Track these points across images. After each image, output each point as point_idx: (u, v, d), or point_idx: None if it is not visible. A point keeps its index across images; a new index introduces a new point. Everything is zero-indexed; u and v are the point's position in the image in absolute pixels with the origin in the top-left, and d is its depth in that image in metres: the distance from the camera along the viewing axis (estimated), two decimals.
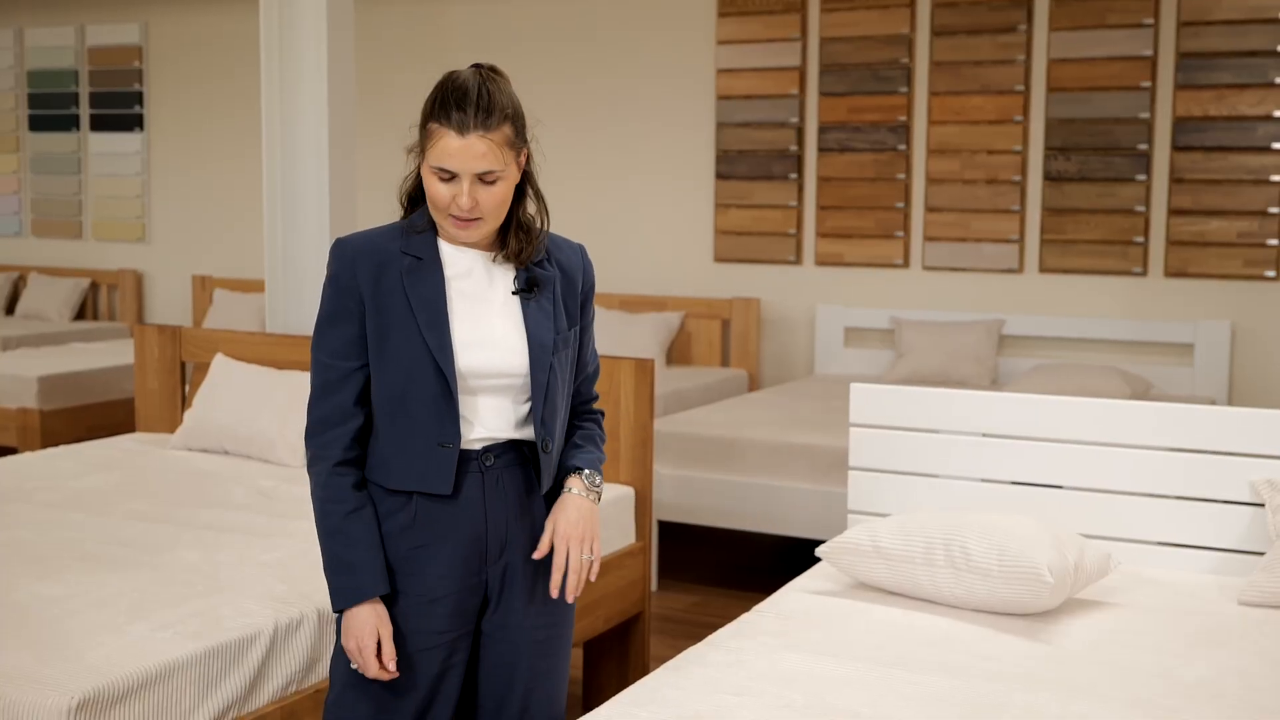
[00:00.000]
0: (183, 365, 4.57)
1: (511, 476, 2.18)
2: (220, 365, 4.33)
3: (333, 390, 2.14)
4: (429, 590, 2.14)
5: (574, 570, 2.15)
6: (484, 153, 2.03)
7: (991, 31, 6.24)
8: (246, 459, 4.11)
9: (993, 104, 6.26)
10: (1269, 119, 5.80)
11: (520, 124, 2.10)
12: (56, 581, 2.79)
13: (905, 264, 6.50)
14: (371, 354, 2.13)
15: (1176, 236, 5.98)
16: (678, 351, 6.82)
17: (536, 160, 2.18)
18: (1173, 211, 5.98)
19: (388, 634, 2.12)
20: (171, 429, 4.53)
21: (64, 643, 2.44)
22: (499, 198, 2.08)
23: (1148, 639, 2.64)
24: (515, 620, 2.20)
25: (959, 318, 6.34)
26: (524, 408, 2.18)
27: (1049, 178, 6.18)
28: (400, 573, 2.15)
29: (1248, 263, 5.87)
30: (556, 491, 2.24)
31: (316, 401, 2.15)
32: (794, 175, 6.65)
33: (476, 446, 2.15)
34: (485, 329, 2.14)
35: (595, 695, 3.87)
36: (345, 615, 2.13)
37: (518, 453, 2.19)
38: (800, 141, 6.63)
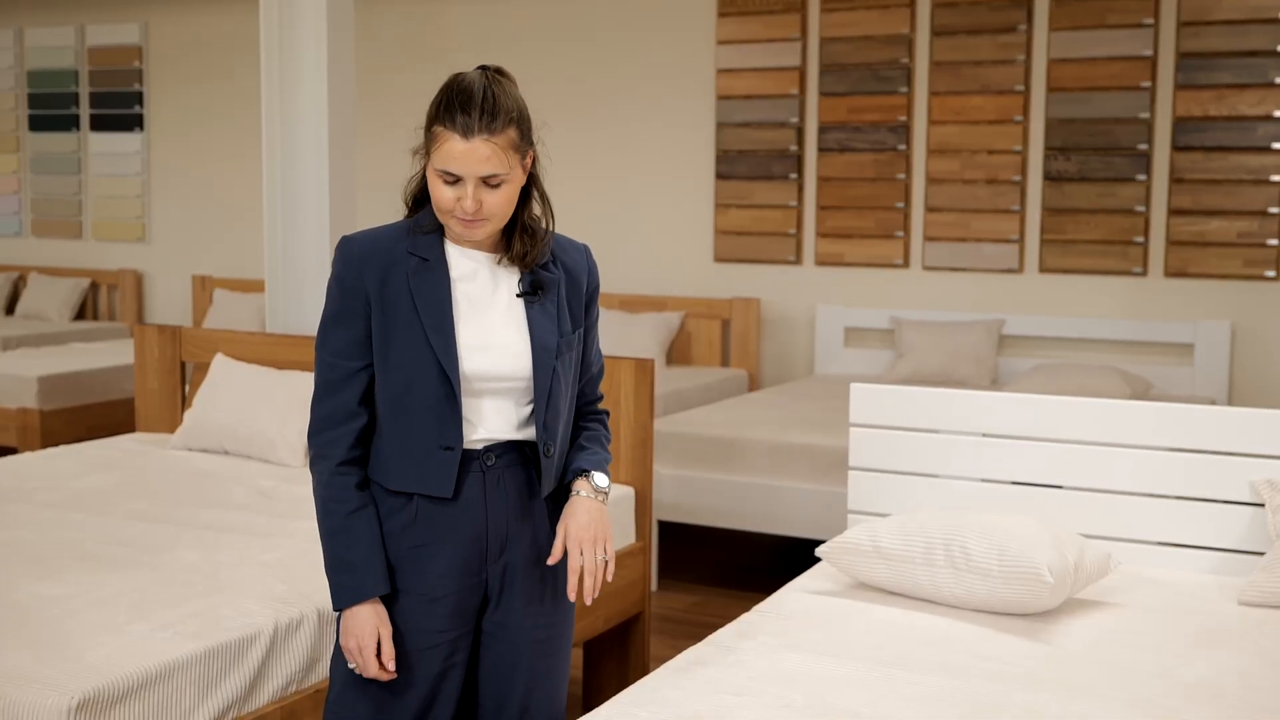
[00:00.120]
0: (183, 365, 4.57)
1: (513, 476, 2.17)
2: (220, 365, 4.33)
3: (336, 389, 2.14)
4: (429, 589, 2.14)
5: (590, 572, 2.15)
6: (488, 156, 2.02)
7: (991, 31, 6.24)
8: (246, 459, 4.11)
9: (993, 104, 6.26)
10: (1269, 119, 5.80)
11: (526, 127, 2.09)
12: (56, 581, 2.79)
13: (905, 264, 6.50)
14: (376, 355, 2.13)
15: (1176, 236, 5.98)
16: (678, 351, 6.82)
17: (542, 162, 2.17)
18: (1173, 211, 5.98)
19: (387, 634, 2.12)
20: (171, 429, 4.53)
21: (64, 643, 2.44)
22: (503, 200, 2.07)
23: (1148, 639, 2.64)
24: (515, 620, 2.20)
25: (959, 318, 6.34)
26: (526, 409, 2.18)
27: (1049, 178, 6.18)
28: (401, 572, 2.15)
29: (1248, 263, 5.87)
30: (559, 493, 2.24)
31: (320, 400, 2.16)
32: (794, 175, 6.65)
33: (478, 446, 2.15)
34: (489, 332, 2.14)
35: (595, 695, 3.87)
36: (345, 615, 2.13)
37: (519, 453, 2.18)
38: (800, 141, 6.63)
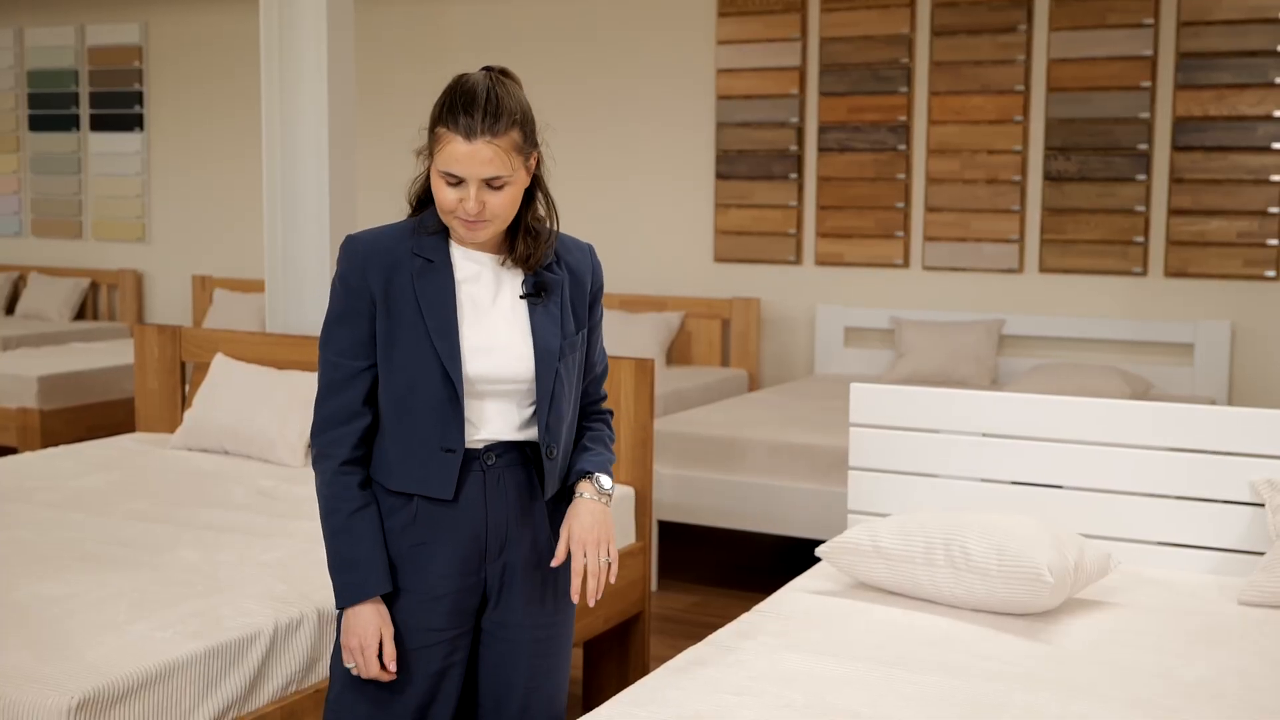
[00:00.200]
0: (183, 365, 4.57)
1: (513, 476, 2.17)
2: (220, 365, 4.33)
3: (340, 389, 2.14)
4: (429, 588, 2.14)
5: (593, 574, 2.15)
6: (490, 158, 2.02)
7: (991, 31, 6.24)
8: (246, 459, 4.11)
9: (993, 104, 6.26)
10: (1269, 119, 5.80)
11: (529, 128, 2.08)
12: (56, 581, 2.79)
13: (905, 264, 6.50)
14: (380, 356, 2.13)
15: (1176, 236, 5.98)
16: (678, 351, 6.82)
17: (547, 164, 2.16)
18: (1173, 211, 5.98)
19: (389, 634, 2.13)
20: (171, 429, 4.53)
21: (64, 642, 2.44)
22: (506, 202, 2.07)
23: (1148, 639, 2.64)
24: (515, 619, 2.20)
25: (959, 318, 6.34)
26: (528, 410, 2.18)
27: (1049, 177, 6.18)
28: (401, 570, 2.15)
29: (1248, 263, 5.87)
30: (562, 494, 2.24)
31: (324, 400, 2.16)
32: (794, 175, 6.65)
33: (479, 446, 2.15)
34: (492, 335, 2.14)
35: (595, 695, 3.87)
36: (348, 613, 2.13)
37: (520, 453, 2.18)
38: (800, 141, 6.63)
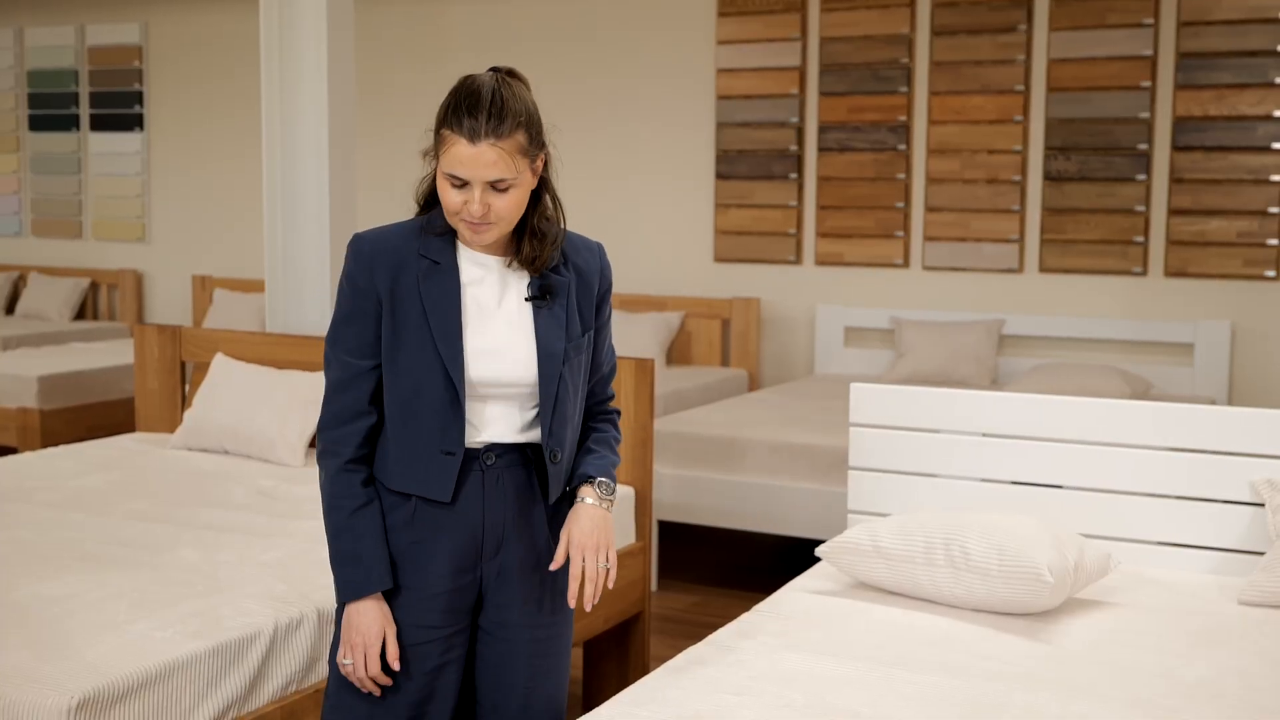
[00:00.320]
0: (183, 365, 4.57)
1: (512, 477, 2.17)
2: (220, 365, 4.33)
3: (346, 388, 2.15)
4: (426, 585, 2.15)
5: (590, 579, 2.15)
6: (494, 161, 2.01)
7: (991, 31, 6.24)
8: (246, 459, 4.11)
9: (993, 104, 6.26)
10: (1269, 119, 5.80)
11: (535, 130, 2.07)
12: (56, 581, 2.79)
13: (905, 264, 6.50)
14: (385, 357, 2.14)
15: (1176, 236, 5.98)
16: (678, 351, 6.82)
17: (555, 165, 2.14)
18: (1173, 211, 5.98)
19: (392, 632, 2.14)
20: (171, 429, 4.53)
21: (64, 642, 2.44)
22: (512, 204, 2.06)
23: (1148, 639, 2.64)
24: (512, 619, 2.20)
25: (959, 318, 6.34)
26: (531, 413, 2.17)
27: (1049, 177, 6.18)
28: (399, 567, 2.16)
29: (1248, 262, 5.87)
30: (564, 497, 2.24)
31: (330, 398, 2.17)
32: (794, 175, 6.65)
33: (479, 446, 2.15)
34: (496, 338, 2.13)
35: (595, 695, 3.87)
36: (349, 610, 2.14)
37: (520, 454, 2.18)
38: (800, 141, 6.63)
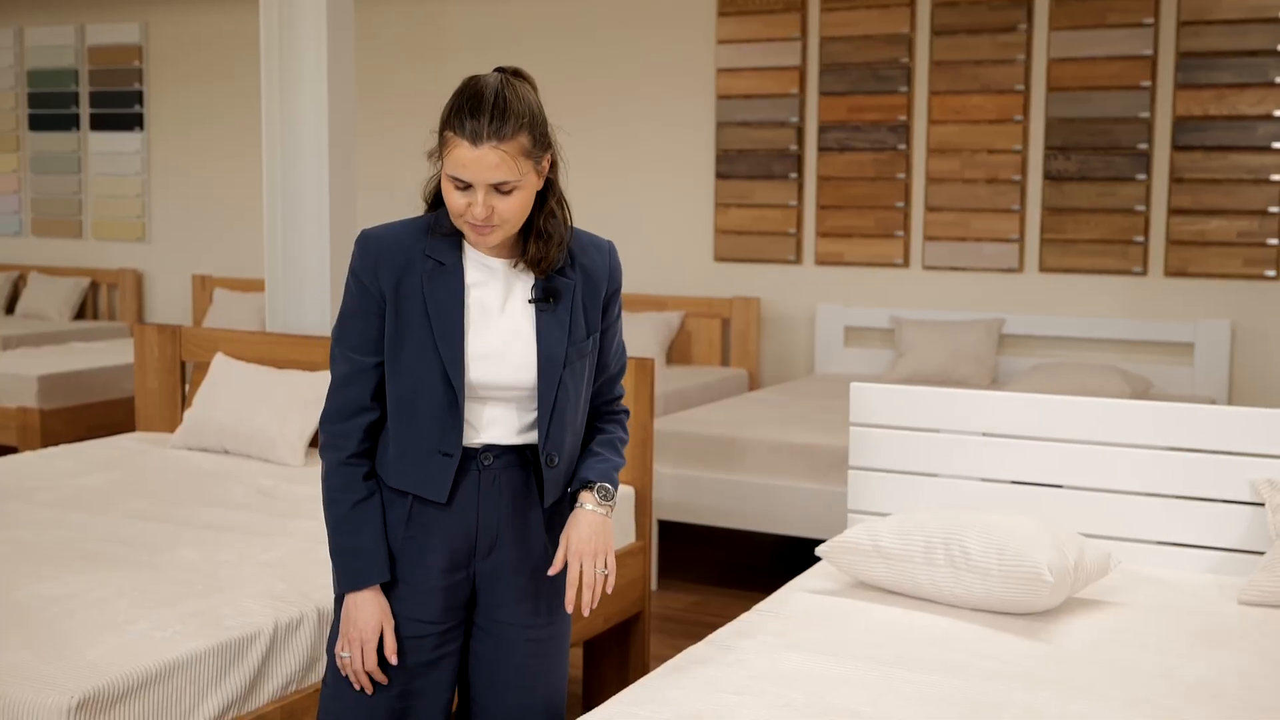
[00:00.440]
0: (183, 365, 4.57)
1: (509, 478, 2.17)
2: (220, 365, 4.33)
3: (350, 383, 2.16)
4: (421, 580, 2.16)
5: (588, 585, 2.15)
6: (497, 164, 1.99)
7: (991, 31, 6.24)
8: (246, 458, 4.11)
9: (993, 103, 6.26)
10: (1269, 118, 5.80)
11: (539, 132, 2.05)
12: (57, 581, 2.79)
13: (905, 263, 6.50)
14: (387, 356, 2.14)
15: (1176, 236, 5.98)
16: (678, 351, 6.82)
17: (562, 166, 2.13)
18: (1173, 211, 5.98)
19: (390, 626, 2.15)
20: (171, 428, 4.53)
21: (64, 641, 2.44)
22: (516, 207, 2.04)
23: (1148, 638, 2.64)
24: (507, 619, 2.20)
25: (959, 317, 6.34)
26: (530, 415, 2.17)
27: (1049, 177, 6.18)
28: (396, 561, 2.17)
29: (1248, 262, 5.87)
30: (569, 500, 2.24)
31: (334, 392, 2.18)
32: (794, 175, 6.65)
33: (477, 446, 2.15)
34: (497, 341, 2.13)
35: (595, 695, 3.87)
36: (348, 603, 2.15)
37: (519, 456, 2.18)
38: (800, 141, 6.63)
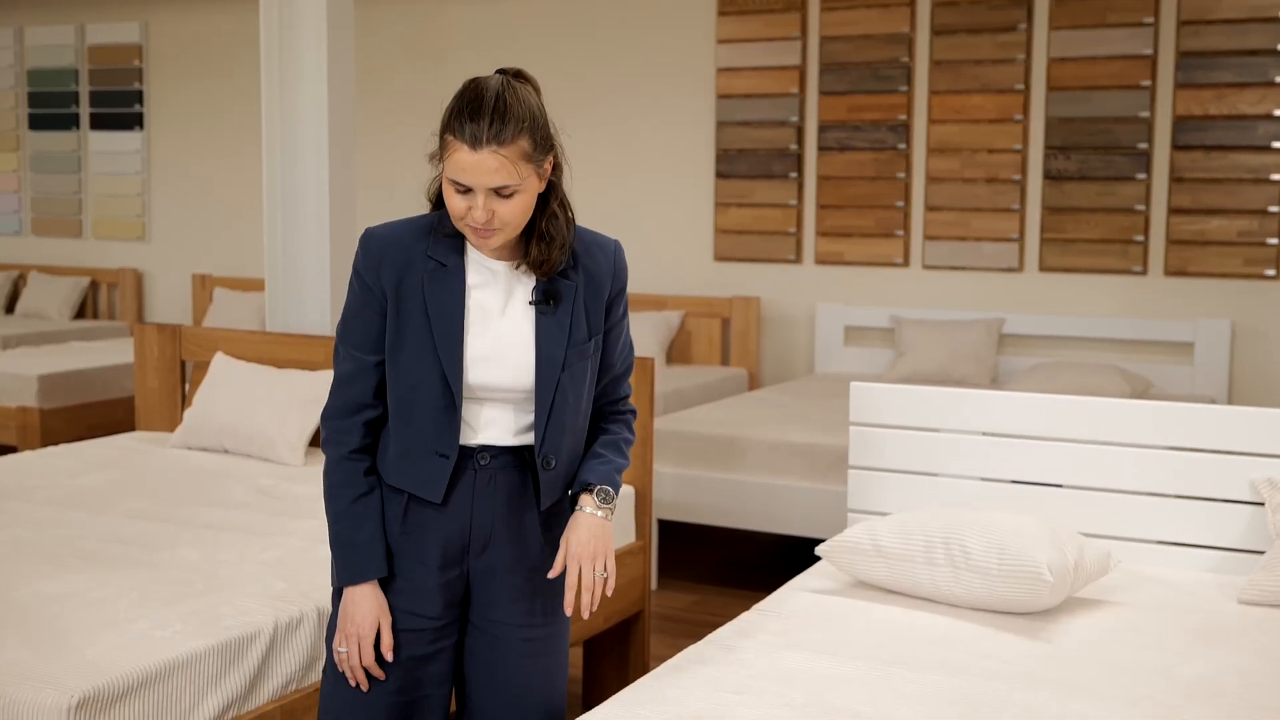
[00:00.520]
0: (183, 364, 4.57)
1: (506, 478, 2.17)
2: (220, 364, 4.33)
3: (352, 380, 2.17)
4: (418, 577, 2.16)
5: (587, 588, 2.15)
6: (496, 168, 1.98)
7: (991, 30, 6.24)
8: (246, 458, 4.11)
9: (993, 103, 6.26)
10: (1269, 118, 5.80)
11: (540, 135, 2.04)
12: (56, 580, 2.79)
13: (905, 263, 6.50)
14: (387, 355, 2.15)
15: (1176, 235, 5.98)
16: (678, 350, 6.82)
17: (565, 169, 2.12)
18: (1173, 210, 5.98)
19: (387, 622, 2.15)
20: (171, 428, 4.52)
21: (64, 641, 2.44)
22: (517, 210, 2.04)
23: (1148, 637, 2.64)
24: (502, 618, 2.20)
25: (959, 316, 6.34)
26: (528, 417, 2.17)
27: (1049, 176, 6.18)
28: (392, 557, 2.18)
29: (1248, 261, 5.87)
30: (570, 503, 2.24)
31: (337, 389, 2.18)
32: (794, 174, 6.65)
33: (474, 447, 2.15)
34: (496, 343, 2.13)
35: (595, 695, 3.87)
36: (346, 597, 2.15)
37: (516, 457, 2.18)
38: (800, 140, 6.63)
